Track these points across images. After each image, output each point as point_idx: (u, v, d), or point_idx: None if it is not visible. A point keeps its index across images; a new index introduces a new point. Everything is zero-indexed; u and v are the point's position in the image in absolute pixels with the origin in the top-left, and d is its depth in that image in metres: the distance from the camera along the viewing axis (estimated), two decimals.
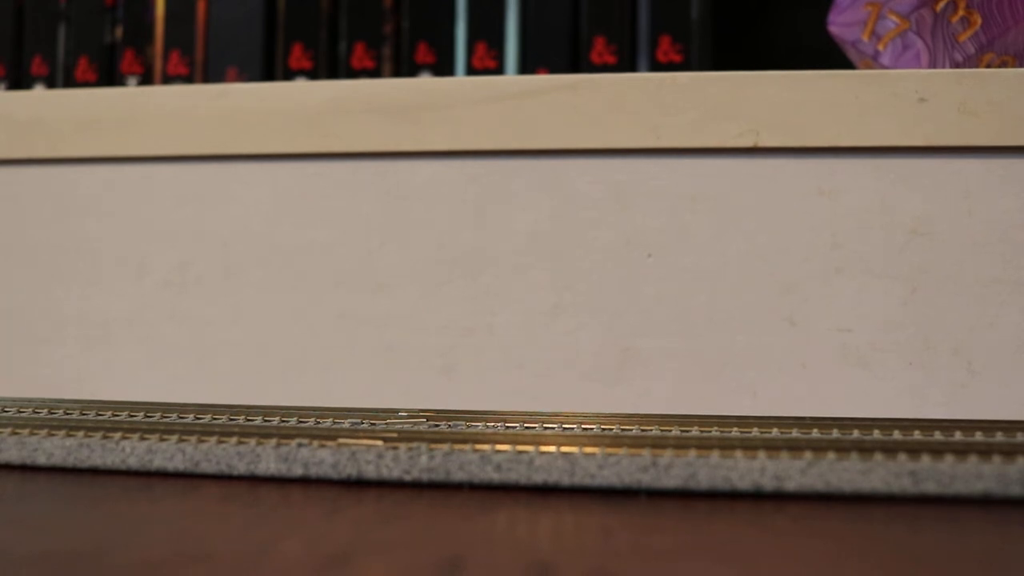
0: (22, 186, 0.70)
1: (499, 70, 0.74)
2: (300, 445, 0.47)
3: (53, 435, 0.49)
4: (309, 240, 0.67)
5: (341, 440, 0.47)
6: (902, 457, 0.44)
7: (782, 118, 0.62)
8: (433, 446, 0.46)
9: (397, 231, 0.66)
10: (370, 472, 0.46)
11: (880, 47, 0.64)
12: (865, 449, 0.45)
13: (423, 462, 0.46)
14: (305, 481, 0.47)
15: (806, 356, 0.62)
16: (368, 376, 0.65)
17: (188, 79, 0.75)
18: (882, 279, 0.62)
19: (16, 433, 0.50)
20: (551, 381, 0.64)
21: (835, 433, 0.47)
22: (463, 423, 0.50)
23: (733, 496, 0.44)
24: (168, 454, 0.48)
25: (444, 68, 0.74)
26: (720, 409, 0.61)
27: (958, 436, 0.46)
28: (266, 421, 0.50)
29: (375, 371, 0.65)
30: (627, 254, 0.64)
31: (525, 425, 0.50)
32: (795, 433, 0.47)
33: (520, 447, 0.46)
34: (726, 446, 0.45)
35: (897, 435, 0.47)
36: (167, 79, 0.76)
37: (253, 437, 0.48)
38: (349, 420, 0.51)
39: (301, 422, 0.50)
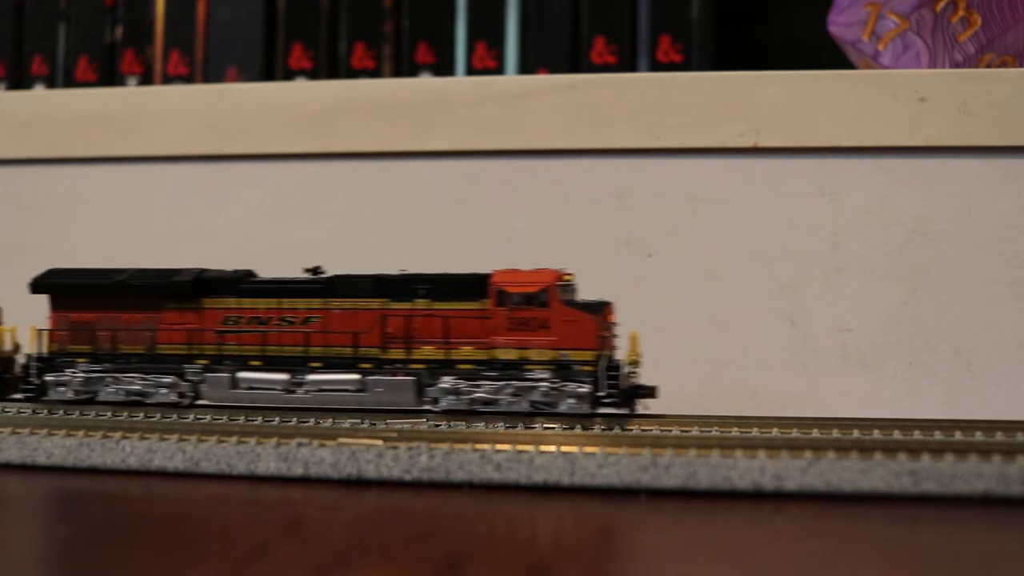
0: (22, 186, 0.70)
1: (499, 70, 0.74)
2: (300, 444, 0.47)
3: (53, 435, 0.49)
4: (309, 240, 0.67)
5: (341, 439, 0.47)
6: (902, 457, 0.44)
7: (782, 118, 0.62)
8: (433, 445, 0.46)
9: (397, 231, 0.66)
10: (370, 471, 0.46)
11: (880, 47, 0.64)
12: (865, 449, 0.45)
13: (423, 462, 0.46)
14: (305, 481, 0.47)
15: (806, 356, 0.62)
16: None
17: (188, 79, 0.75)
18: (882, 279, 0.62)
19: (16, 433, 0.50)
20: None
21: (835, 433, 0.47)
22: (463, 423, 0.50)
23: (733, 496, 0.44)
24: (168, 454, 0.48)
25: (444, 68, 0.74)
26: (720, 409, 0.60)
27: (958, 436, 0.46)
28: (266, 421, 0.50)
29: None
30: (627, 254, 0.64)
31: (525, 425, 0.50)
32: (795, 433, 0.47)
33: (520, 446, 0.46)
34: (726, 446, 0.45)
35: (897, 435, 0.46)
36: (167, 79, 0.76)
37: (253, 437, 0.48)
38: (349, 420, 0.51)
39: (301, 422, 0.50)
